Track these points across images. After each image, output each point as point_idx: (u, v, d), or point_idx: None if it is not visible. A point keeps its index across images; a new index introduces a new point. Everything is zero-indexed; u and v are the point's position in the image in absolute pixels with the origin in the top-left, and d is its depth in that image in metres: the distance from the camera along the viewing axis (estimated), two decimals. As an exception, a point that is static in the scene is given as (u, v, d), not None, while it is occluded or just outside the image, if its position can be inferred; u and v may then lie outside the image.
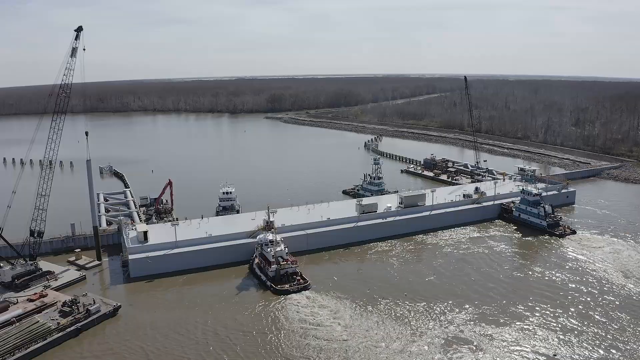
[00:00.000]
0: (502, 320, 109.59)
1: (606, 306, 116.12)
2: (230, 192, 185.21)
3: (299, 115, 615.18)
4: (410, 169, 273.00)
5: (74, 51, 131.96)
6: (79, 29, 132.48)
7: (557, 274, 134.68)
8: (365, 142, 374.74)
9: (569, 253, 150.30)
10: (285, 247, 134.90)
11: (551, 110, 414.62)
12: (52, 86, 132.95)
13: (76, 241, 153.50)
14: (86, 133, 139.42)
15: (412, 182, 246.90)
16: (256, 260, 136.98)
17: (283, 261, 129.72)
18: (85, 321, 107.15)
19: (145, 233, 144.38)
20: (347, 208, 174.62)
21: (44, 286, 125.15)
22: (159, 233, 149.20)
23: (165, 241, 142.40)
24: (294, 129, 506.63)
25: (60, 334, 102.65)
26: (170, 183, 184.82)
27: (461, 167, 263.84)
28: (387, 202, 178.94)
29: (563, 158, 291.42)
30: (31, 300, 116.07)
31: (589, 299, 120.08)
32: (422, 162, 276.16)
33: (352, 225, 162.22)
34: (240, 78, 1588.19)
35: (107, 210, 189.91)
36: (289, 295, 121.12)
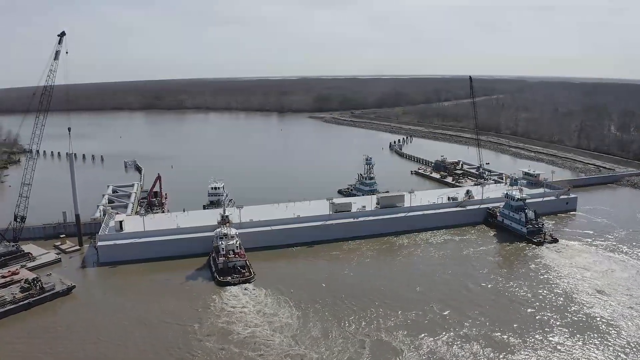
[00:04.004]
0: (436, 330, 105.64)
1: (551, 324, 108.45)
2: (218, 188, 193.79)
3: (342, 115, 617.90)
4: (419, 171, 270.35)
5: (57, 54, 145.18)
6: (62, 34, 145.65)
7: (514, 285, 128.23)
8: (390, 143, 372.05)
9: (540, 263, 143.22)
10: (237, 241, 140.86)
11: (589, 113, 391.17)
12: (44, 87, 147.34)
13: (66, 228, 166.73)
14: (69, 129, 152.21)
15: (417, 183, 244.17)
16: (213, 253, 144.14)
17: (233, 255, 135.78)
18: (38, 297, 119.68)
19: (120, 222, 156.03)
20: (327, 207, 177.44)
21: (20, 265, 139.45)
22: (137, 223, 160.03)
23: (136, 231, 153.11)
24: (332, 129, 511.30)
25: (12, 306, 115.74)
26: (159, 177, 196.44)
27: (472, 170, 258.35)
28: (365, 203, 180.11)
29: (588, 163, 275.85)
30: (3, 277, 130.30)
31: (532, 312, 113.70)
32: (433, 164, 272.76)
33: (320, 223, 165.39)
34: (303, 77, 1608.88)
35: (110, 201, 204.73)
36: (228, 287, 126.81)
